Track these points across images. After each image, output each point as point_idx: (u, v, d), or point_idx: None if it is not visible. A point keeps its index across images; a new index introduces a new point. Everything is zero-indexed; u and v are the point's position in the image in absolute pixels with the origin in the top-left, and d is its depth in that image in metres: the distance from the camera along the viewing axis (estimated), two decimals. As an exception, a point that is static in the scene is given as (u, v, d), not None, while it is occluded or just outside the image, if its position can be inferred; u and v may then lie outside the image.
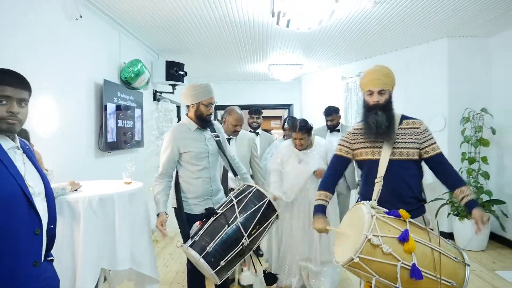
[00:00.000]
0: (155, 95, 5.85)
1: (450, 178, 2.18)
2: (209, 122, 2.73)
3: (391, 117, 2.17)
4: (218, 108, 8.57)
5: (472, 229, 2.03)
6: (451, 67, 5.15)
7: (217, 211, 2.39)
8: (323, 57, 6.45)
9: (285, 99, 9.19)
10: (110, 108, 4.01)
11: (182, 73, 5.72)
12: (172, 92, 6.03)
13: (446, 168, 2.19)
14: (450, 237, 4.83)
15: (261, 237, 2.42)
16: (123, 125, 4.37)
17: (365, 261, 1.76)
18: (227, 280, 2.51)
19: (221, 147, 2.77)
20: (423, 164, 2.25)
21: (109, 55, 4.24)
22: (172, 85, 5.87)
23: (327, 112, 4.59)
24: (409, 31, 4.85)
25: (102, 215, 2.28)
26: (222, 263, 2.22)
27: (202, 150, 2.66)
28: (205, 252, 2.22)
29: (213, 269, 2.20)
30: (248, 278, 2.65)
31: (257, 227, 2.34)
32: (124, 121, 4.41)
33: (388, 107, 2.19)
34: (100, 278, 2.36)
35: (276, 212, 2.47)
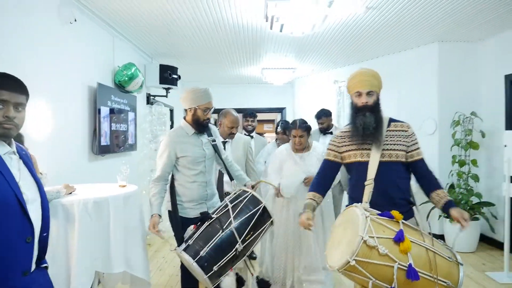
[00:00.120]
0: (148, 98, 5.86)
1: (429, 182, 2.20)
2: (206, 127, 2.72)
3: (379, 119, 2.16)
4: (212, 112, 8.57)
5: (459, 228, 2.04)
6: (442, 72, 5.24)
7: (211, 216, 2.38)
8: (316, 61, 6.51)
9: (278, 103, 9.25)
10: (104, 111, 4.01)
11: (176, 76, 5.74)
12: (166, 96, 6.04)
13: (427, 173, 2.21)
14: (441, 239, 4.88)
15: (255, 243, 2.41)
16: (116, 128, 4.37)
17: (361, 263, 1.73)
18: (219, 285, 2.48)
19: (217, 152, 2.77)
20: None
21: (103, 59, 4.24)
22: (166, 89, 5.89)
23: (317, 115, 4.67)
24: (400, 36, 4.93)
25: (97, 218, 2.29)
26: (215, 268, 2.21)
27: (199, 154, 2.66)
28: (199, 257, 2.21)
29: (206, 273, 2.20)
30: (229, 284, 2.48)
31: (251, 232, 2.32)
32: (118, 124, 4.41)
33: (376, 108, 2.18)
34: (95, 281, 2.37)
35: (271, 218, 2.45)
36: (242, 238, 2.28)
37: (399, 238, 1.76)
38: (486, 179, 5.05)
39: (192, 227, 2.42)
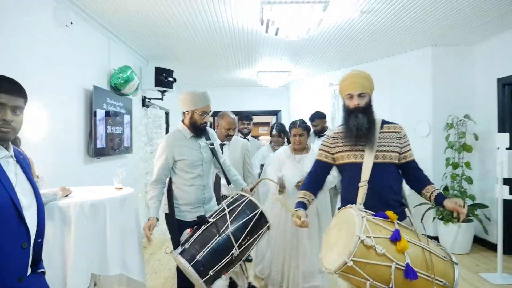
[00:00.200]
0: (144, 101, 5.86)
1: (418, 181, 2.21)
2: (203, 130, 2.70)
3: (372, 120, 2.16)
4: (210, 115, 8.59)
5: (456, 233, 2.05)
6: (435, 75, 5.29)
7: (208, 220, 2.37)
8: (311, 64, 6.55)
9: (273, 106, 9.28)
10: (100, 114, 4.01)
11: (171, 79, 5.74)
12: (161, 99, 6.04)
13: (418, 174, 2.22)
14: (435, 240, 4.92)
15: (251, 247, 2.40)
16: (112, 131, 4.37)
17: (359, 264, 1.71)
18: None
19: (215, 155, 2.75)
20: None
21: (98, 61, 4.24)
22: (161, 92, 5.89)
23: (311, 117, 4.72)
24: (395, 40, 4.98)
25: (94, 220, 2.30)
26: (211, 272, 2.21)
27: (197, 158, 2.65)
28: (195, 261, 2.20)
29: (202, 278, 2.19)
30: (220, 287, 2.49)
31: (248, 237, 2.31)
32: (113, 127, 4.41)
33: (369, 110, 2.18)
34: (91, 283, 2.36)
35: (267, 223, 2.43)
36: (238, 243, 2.26)
37: (395, 238, 1.76)
38: (480, 181, 5.10)
39: (188, 230, 2.41)
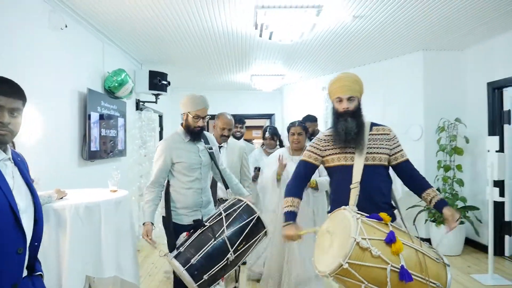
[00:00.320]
0: (138, 104, 5.87)
1: (417, 183, 2.22)
2: (196, 134, 2.66)
3: (361, 124, 2.17)
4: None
5: (444, 230, 2.07)
6: (427, 79, 5.37)
7: (204, 223, 2.35)
8: (304, 68, 6.60)
9: (267, 109, 9.32)
10: (94, 117, 4.01)
11: (165, 82, 5.76)
12: (155, 102, 6.05)
13: (414, 174, 2.22)
14: (427, 242, 4.97)
15: (247, 253, 2.37)
16: (106, 134, 4.37)
17: (354, 266, 1.69)
18: None
19: (214, 159, 2.74)
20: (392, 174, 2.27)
21: (92, 65, 4.25)
22: (155, 95, 5.90)
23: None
24: (386, 44, 5.04)
25: (89, 222, 2.30)
26: (205, 277, 2.19)
27: (195, 161, 2.64)
28: (189, 264, 2.18)
29: (196, 282, 2.17)
30: None
31: (243, 242, 2.29)
32: (107, 130, 4.41)
33: (358, 113, 2.18)
34: (85, 285, 2.37)
35: (264, 228, 2.40)
36: (234, 247, 2.24)
37: (390, 240, 1.75)
38: (471, 183, 5.17)
39: (184, 234, 2.39)
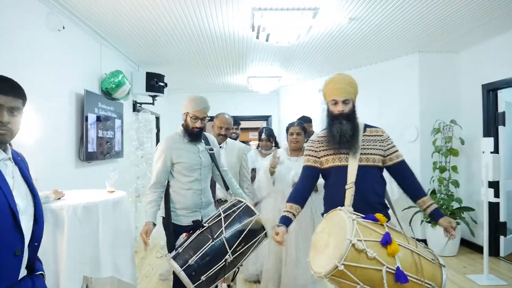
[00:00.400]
0: (135, 106, 5.87)
1: (412, 186, 2.21)
2: (195, 135, 2.65)
3: (356, 126, 2.17)
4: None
5: (445, 237, 2.06)
6: (422, 81, 5.41)
7: (203, 224, 2.34)
8: (301, 70, 6.63)
9: (263, 111, 9.35)
10: (91, 118, 4.02)
11: (162, 84, 5.77)
12: (152, 103, 6.06)
13: (409, 176, 2.22)
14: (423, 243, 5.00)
15: (246, 255, 2.35)
16: (103, 135, 4.37)
17: (350, 268, 1.69)
18: None
19: (214, 161, 2.73)
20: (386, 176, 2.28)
21: (90, 66, 4.26)
22: (152, 96, 5.90)
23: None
24: (382, 46, 5.08)
25: (86, 223, 2.31)
26: (203, 278, 2.17)
27: (195, 161, 2.63)
28: (187, 265, 2.17)
29: (193, 283, 2.16)
30: None
31: (242, 244, 2.26)
32: (105, 131, 4.42)
33: (352, 116, 2.18)
34: (83, 286, 2.37)
35: (264, 230, 2.37)
36: (232, 249, 2.22)
37: (386, 241, 1.74)
38: (466, 184, 5.21)
39: (184, 235, 2.38)
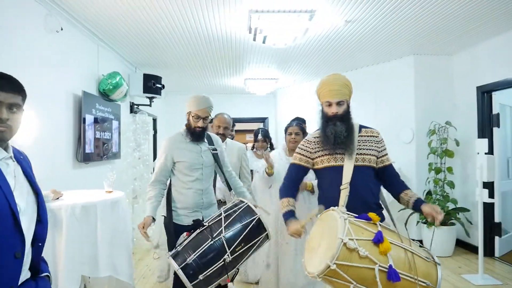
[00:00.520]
0: (132, 107, 5.89)
1: (397, 185, 2.24)
2: (197, 135, 2.64)
3: (350, 127, 2.17)
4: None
5: (433, 233, 2.07)
6: (418, 83, 5.46)
7: (204, 223, 2.34)
8: (298, 72, 6.67)
9: (260, 113, 9.38)
10: (89, 119, 4.03)
11: (160, 86, 5.79)
12: (149, 105, 6.08)
13: (396, 178, 2.25)
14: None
15: (246, 256, 2.32)
16: (100, 136, 4.39)
17: (342, 267, 1.69)
18: None
19: (217, 161, 2.72)
20: None
21: (87, 67, 4.28)
22: (149, 98, 5.92)
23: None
24: (378, 49, 5.13)
25: (85, 222, 2.33)
26: (201, 277, 2.16)
27: (196, 161, 2.63)
28: (185, 264, 2.16)
29: (191, 282, 2.14)
30: None
31: (242, 244, 2.24)
32: (102, 132, 4.43)
33: (347, 117, 2.18)
34: (81, 285, 2.38)
35: (266, 231, 2.34)
36: (231, 249, 2.20)
37: (378, 240, 1.75)
38: (461, 185, 5.25)
39: (185, 234, 2.38)
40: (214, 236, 2.23)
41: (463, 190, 5.24)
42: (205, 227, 2.30)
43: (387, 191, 2.30)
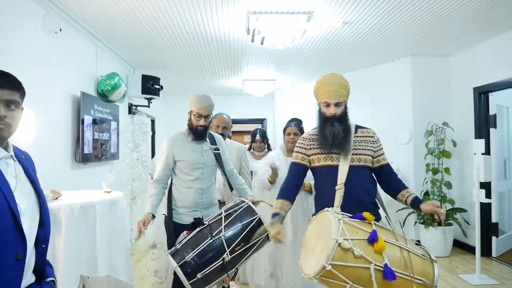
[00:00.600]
0: (130, 108, 5.89)
1: (394, 185, 2.23)
2: (199, 134, 2.64)
3: (348, 128, 2.17)
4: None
5: (437, 234, 2.06)
6: (415, 84, 5.49)
7: (204, 222, 2.33)
8: (295, 73, 6.69)
9: (258, 114, 9.39)
10: (87, 120, 4.04)
11: (158, 87, 5.79)
12: (148, 106, 6.08)
13: (393, 178, 2.24)
14: (417, 244, 5.05)
15: (246, 256, 2.31)
16: (99, 137, 4.39)
17: (338, 267, 1.69)
18: None
19: (219, 161, 2.71)
20: None
21: (86, 68, 4.28)
22: (148, 99, 5.93)
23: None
24: (376, 50, 5.15)
25: (84, 222, 2.34)
26: (199, 275, 2.14)
27: (197, 160, 2.62)
28: (183, 261, 2.16)
29: (189, 280, 2.14)
30: None
31: (241, 244, 2.23)
32: (100, 133, 4.44)
33: (344, 118, 2.18)
34: (80, 285, 2.39)
35: (266, 232, 2.29)
36: (231, 248, 2.19)
37: (373, 239, 1.75)
38: (459, 186, 5.27)
39: (185, 232, 2.38)
40: (214, 234, 2.22)
41: (460, 191, 5.26)
42: (205, 226, 2.30)
43: (384, 191, 2.29)
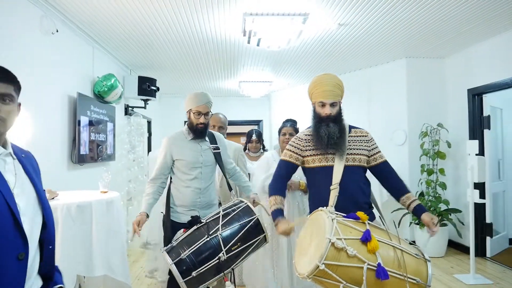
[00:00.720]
0: (127, 109, 5.90)
1: (396, 185, 2.24)
2: (200, 132, 2.63)
3: (343, 128, 2.19)
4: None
5: (427, 234, 2.08)
6: (410, 86, 5.53)
7: (201, 220, 2.33)
8: (292, 75, 6.72)
9: (255, 115, 9.41)
10: (84, 121, 4.04)
11: (154, 88, 5.80)
12: (144, 107, 6.09)
13: (392, 175, 2.25)
14: (412, 245, 5.07)
15: (243, 256, 2.30)
16: (95, 138, 4.40)
17: (331, 267, 1.70)
18: None
19: (219, 160, 2.71)
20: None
21: (82, 69, 4.29)
22: (144, 100, 5.94)
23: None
24: (371, 52, 5.19)
25: (80, 222, 2.34)
26: (194, 273, 2.13)
27: (195, 160, 2.62)
28: (179, 259, 2.15)
29: (183, 278, 2.13)
30: None
31: (238, 243, 2.23)
32: (97, 134, 4.44)
33: (339, 118, 2.19)
34: (76, 285, 2.39)
35: (264, 233, 2.32)
36: (227, 247, 2.19)
37: (366, 238, 1.76)
38: (453, 187, 5.32)
39: (182, 230, 2.37)
40: (211, 233, 2.21)
41: (454, 192, 5.30)
42: (202, 224, 2.29)
43: (386, 189, 2.30)
